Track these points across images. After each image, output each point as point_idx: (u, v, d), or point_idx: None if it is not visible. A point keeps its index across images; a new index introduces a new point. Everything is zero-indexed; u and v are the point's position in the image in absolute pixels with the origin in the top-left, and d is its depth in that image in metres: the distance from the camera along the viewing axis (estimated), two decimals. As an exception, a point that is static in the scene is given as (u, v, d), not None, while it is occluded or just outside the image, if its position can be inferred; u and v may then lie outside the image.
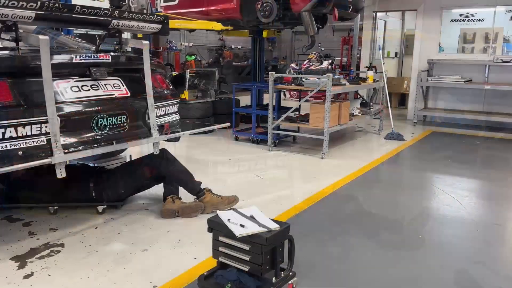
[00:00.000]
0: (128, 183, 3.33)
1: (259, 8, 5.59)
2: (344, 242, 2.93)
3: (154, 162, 3.33)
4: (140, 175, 3.35)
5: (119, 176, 3.35)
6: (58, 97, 2.64)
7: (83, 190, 3.24)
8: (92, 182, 3.26)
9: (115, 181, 3.31)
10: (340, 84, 5.63)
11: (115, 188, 3.29)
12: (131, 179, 3.34)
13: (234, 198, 3.39)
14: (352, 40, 10.93)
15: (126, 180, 3.33)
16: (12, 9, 2.30)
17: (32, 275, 2.38)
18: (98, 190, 3.25)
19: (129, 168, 3.44)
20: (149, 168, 3.34)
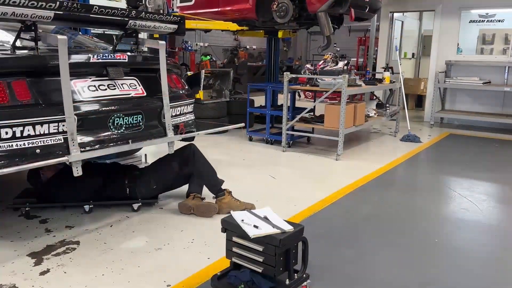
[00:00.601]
0: (158, 178, 3.37)
1: (274, 8, 5.58)
2: (359, 244, 2.90)
3: (182, 156, 3.37)
4: (170, 169, 3.39)
5: (150, 172, 3.39)
6: (76, 96, 2.67)
7: (118, 187, 3.29)
8: (126, 179, 3.31)
9: (147, 177, 3.35)
10: (355, 85, 5.59)
11: (148, 183, 3.33)
12: (161, 174, 3.38)
13: (251, 206, 3.38)
14: (368, 40, 10.84)
15: (157, 175, 3.37)
16: (31, 9, 2.34)
17: (48, 271, 2.42)
18: (132, 187, 3.30)
19: (159, 163, 3.47)
20: (177, 162, 3.37)
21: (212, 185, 3.38)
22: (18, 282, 2.29)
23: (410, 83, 9.63)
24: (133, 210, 3.31)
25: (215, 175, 3.41)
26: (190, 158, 3.36)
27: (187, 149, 3.39)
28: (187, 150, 3.38)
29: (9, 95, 2.36)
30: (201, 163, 3.39)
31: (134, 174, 3.37)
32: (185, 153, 3.38)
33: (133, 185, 3.31)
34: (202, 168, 3.39)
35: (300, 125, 5.67)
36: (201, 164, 3.39)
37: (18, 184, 3.43)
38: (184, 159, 3.37)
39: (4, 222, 3.05)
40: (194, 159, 3.36)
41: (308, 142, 6.16)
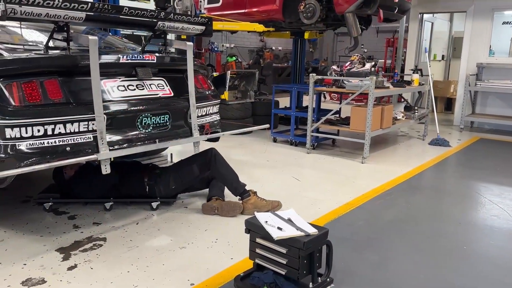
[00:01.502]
0: (178, 179, 3.40)
1: (301, 9, 5.55)
2: (384, 249, 2.85)
3: (203, 159, 3.40)
4: (190, 171, 3.42)
5: (171, 172, 3.43)
6: (105, 95, 2.73)
7: (138, 185, 3.35)
8: (146, 178, 3.36)
9: (167, 176, 3.39)
10: (383, 87, 5.50)
11: (167, 183, 3.37)
12: (181, 175, 3.41)
13: (277, 203, 3.39)
14: (396, 42, 10.67)
15: (177, 176, 3.40)
16: (64, 10, 2.40)
17: (75, 267, 2.48)
18: (151, 185, 3.35)
19: (180, 165, 3.52)
20: (198, 165, 3.40)
21: (234, 188, 3.39)
22: (47, 276, 2.36)
23: (439, 85, 9.42)
24: (151, 208, 3.35)
25: (237, 178, 3.42)
26: (211, 162, 3.37)
27: (208, 153, 3.40)
28: (208, 154, 3.40)
29: (42, 94, 2.44)
30: (223, 167, 3.41)
31: (155, 173, 3.42)
32: (206, 157, 3.40)
33: (152, 183, 3.36)
34: (224, 172, 3.40)
35: (325, 127, 5.63)
36: (223, 168, 3.40)
37: (48, 181, 3.53)
38: (205, 163, 3.39)
39: (34, 217, 3.14)
40: (215, 163, 3.38)
41: (333, 144, 6.10)
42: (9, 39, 2.93)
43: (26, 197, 3.53)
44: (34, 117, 2.38)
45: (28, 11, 2.26)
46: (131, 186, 3.36)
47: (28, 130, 2.36)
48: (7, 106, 2.30)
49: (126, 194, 3.38)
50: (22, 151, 2.35)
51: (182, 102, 3.16)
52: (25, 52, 2.67)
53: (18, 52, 2.64)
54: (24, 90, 2.38)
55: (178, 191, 3.50)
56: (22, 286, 2.25)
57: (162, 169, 3.51)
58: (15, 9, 2.20)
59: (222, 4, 6.73)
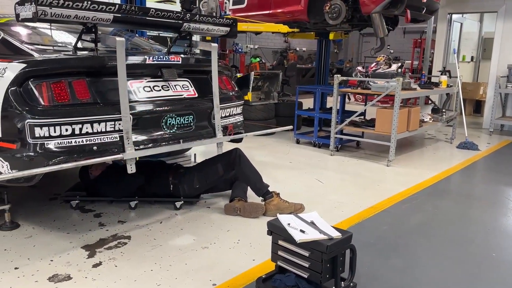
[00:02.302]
0: (202, 179, 3.42)
1: (327, 10, 5.50)
2: (409, 255, 2.79)
3: (228, 159, 3.41)
4: (215, 171, 3.44)
5: (195, 171, 3.46)
6: (132, 96, 2.77)
7: (163, 184, 3.39)
8: (171, 177, 3.40)
9: (191, 176, 3.42)
10: (410, 89, 5.40)
11: (191, 182, 3.40)
12: (205, 175, 3.44)
13: (300, 206, 3.37)
14: (424, 42, 10.46)
15: (201, 175, 3.43)
16: (92, 12, 2.45)
17: (100, 264, 2.52)
18: (176, 184, 3.39)
19: (205, 164, 3.54)
20: (222, 165, 3.42)
21: (258, 188, 3.39)
22: (73, 273, 2.41)
23: (468, 87, 9.18)
24: (175, 208, 3.38)
25: (261, 179, 3.42)
26: (236, 162, 3.38)
27: (233, 154, 3.42)
28: (232, 154, 3.41)
29: (70, 94, 2.49)
30: (247, 168, 3.41)
31: (179, 172, 3.45)
32: (231, 157, 3.41)
33: (177, 182, 3.39)
34: (248, 172, 3.41)
35: (349, 128, 5.56)
36: (247, 168, 3.41)
37: (75, 179, 3.61)
38: (229, 163, 3.40)
39: (62, 215, 3.22)
40: (240, 163, 3.39)
41: (357, 147, 6.02)
42: (40, 40, 3.01)
43: (54, 195, 3.62)
44: (63, 116, 2.43)
45: (58, 13, 2.32)
46: (156, 185, 3.40)
47: (57, 129, 2.41)
48: (36, 106, 2.36)
49: (151, 193, 3.43)
50: (50, 150, 2.40)
51: (206, 103, 3.18)
52: (55, 53, 2.73)
53: (48, 53, 2.70)
54: (53, 90, 2.43)
55: (202, 191, 3.52)
56: (49, 282, 2.31)
57: (186, 169, 3.54)
58: (45, 11, 2.26)
59: (247, 5, 6.75)
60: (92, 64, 2.68)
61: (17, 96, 2.35)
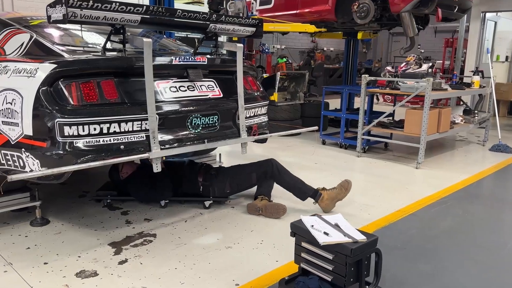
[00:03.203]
0: (234, 184, 3.46)
1: (355, 9, 5.42)
2: (437, 260, 2.70)
3: (263, 170, 3.45)
4: (248, 179, 3.48)
5: (227, 176, 3.47)
6: (158, 96, 2.80)
7: (193, 185, 3.43)
8: (201, 178, 3.44)
9: (223, 179, 3.45)
10: (441, 89, 5.26)
11: (222, 186, 3.44)
12: (238, 181, 3.47)
13: (347, 183, 3.41)
14: (456, 42, 10.18)
15: (234, 181, 3.45)
16: (120, 13, 2.49)
17: (126, 261, 2.56)
18: (206, 186, 3.42)
19: (238, 170, 3.54)
20: (257, 175, 3.46)
21: (303, 193, 3.41)
22: (99, 269, 2.45)
23: (502, 88, 8.86)
24: (204, 207, 3.41)
25: (303, 183, 3.44)
26: (275, 174, 3.42)
27: (269, 166, 3.44)
28: (269, 166, 3.44)
29: (98, 94, 2.54)
30: (287, 176, 3.45)
31: (210, 174, 3.47)
32: (267, 168, 3.43)
33: (207, 184, 3.42)
34: (289, 180, 3.44)
35: (377, 130, 5.46)
36: (287, 177, 3.44)
37: (103, 177, 3.69)
38: (265, 174, 3.44)
39: (90, 212, 3.29)
40: (279, 174, 3.42)
41: (385, 148, 5.91)
42: (70, 41, 3.08)
43: (82, 192, 3.71)
44: (91, 116, 2.48)
45: (87, 14, 2.37)
46: (187, 185, 3.44)
47: (85, 128, 2.46)
48: (66, 105, 2.42)
49: (183, 192, 3.48)
50: (79, 148, 2.46)
51: (231, 103, 3.19)
52: (84, 53, 2.80)
53: (78, 53, 2.77)
54: (82, 90, 2.49)
55: (231, 194, 3.56)
56: (76, 277, 2.36)
57: (217, 170, 3.55)
58: (75, 12, 2.31)
59: (274, 5, 6.74)
60: (120, 65, 2.72)
61: (48, 96, 2.41)
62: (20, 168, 2.60)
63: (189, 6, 9.79)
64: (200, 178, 3.44)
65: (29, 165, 2.53)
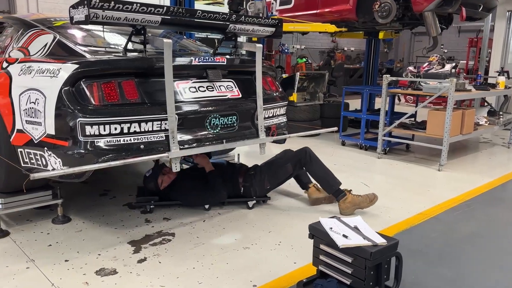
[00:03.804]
0: (273, 179, 3.48)
1: (376, 8, 5.35)
2: (460, 265, 2.64)
3: (297, 158, 3.46)
4: (285, 171, 3.49)
5: (264, 173, 3.49)
6: (178, 96, 2.82)
7: (234, 187, 3.44)
8: (241, 179, 3.46)
9: (260, 178, 3.47)
10: (464, 90, 5.14)
11: (262, 184, 3.46)
12: (276, 175, 3.49)
13: (374, 196, 3.38)
14: (480, 42, 9.93)
15: (271, 176, 3.48)
16: (141, 14, 2.51)
17: (144, 260, 2.58)
18: (247, 187, 3.45)
19: (274, 165, 3.56)
20: (292, 164, 3.47)
21: (330, 185, 3.40)
22: (118, 267, 2.48)
23: (529, 88, 8.60)
24: (248, 207, 3.44)
25: (333, 176, 3.44)
26: (307, 161, 3.43)
27: (303, 153, 3.45)
28: (302, 153, 3.45)
29: (119, 94, 2.57)
30: (318, 165, 3.45)
31: (249, 174, 3.49)
32: (301, 156, 3.45)
33: (248, 185, 3.44)
34: (319, 170, 3.45)
35: (398, 131, 5.37)
36: (318, 166, 3.45)
37: (124, 177, 3.73)
38: (299, 162, 3.45)
39: (110, 211, 3.33)
40: (311, 161, 3.43)
41: (407, 150, 5.81)
42: (92, 41, 3.13)
43: (103, 191, 3.76)
44: (112, 116, 2.51)
45: (109, 15, 2.40)
46: (228, 187, 3.43)
47: (106, 128, 2.50)
48: (88, 105, 2.46)
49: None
50: (100, 148, 2.49)
51: (249, 103, 3.18)
52: (106, 54, 2.83)
53: (100, 54, 2.80)
54: (104, 90, 2.52)
55: (271, 190, 3.58)
56: (96, 275, 2.39)
57: (254, 170, 3.56)
58: (97, 13, 2.35)
59: (293, 5, 6.71)
60: (140, 65, 2.75)
61: (70, 96, 2.45)
62: (42, 167, 2.65)
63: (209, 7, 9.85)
64: (240, 179, 3.46)
65: (51, 164, 2.58)
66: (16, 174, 2.79)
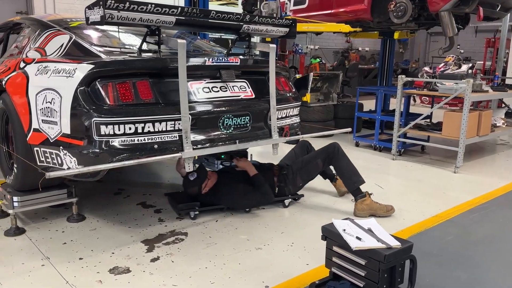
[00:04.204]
0: (305, 175, 3.53)
1: (392, 8, 5.29)
2: (475, 268, 2.59)
3: (327, 153, 3.50)
4: (316, 166, 3.53)
5: (297, 172, 3.52)
6: (191, 96, 2.83)
7: (271, 187, 3.45)
8: (276, 179, 3.50)
9: (293, 177, 3.50)
10: (481, 91, 5.06)
11: (295, 182, 3.51)
12: (308, 172, 3.53)
13: (391, 207, 3.37)
14: (498, 42, 9.76)
15: (303, 174, 3.52)
16: (156, 14, 2.53)
17: (158, 259, 2.60)
18: (282, 186, 3.49)
19: (305, 162, 3.58)
20: (322, 160, 3.51)
21: (352, 182, 3.41)
22: (132, 266, 2.50)
23: (548, 89, 8.42)
24: (284, 206, 3.49)
25: (357, 172, 3.44)
26: (335, 155, 3.46)
27: (331, 147, 3.49)
28: (331, 148, 3.49)
29: (134, 94, 2.59)
30: (344, 161, 3.47)
31: (282, 174, 3.51)
32: (330, 151, 3.48)
33: (282, 184, 3.48)
34: (344, 165, 3.46)
35: (413, 132, 5.31)
36: (344, 161, 3.46)
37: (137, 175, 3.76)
38: (329, 157, 3.48)
39: (124, 209, 3.36)
40: (338, 156, 3.46)
41: (422, 151, 5.73)
42: (108, 42, 3.16)
43: (118, 190, 3.79)
44: (127, 115, 2.53)
45: (124, 16, 2.42)
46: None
47: (121, 127, 2.52)
48: (103, 105, 2.48)
49: None
50: (114, 147, 2.51)
51: (263, 104, 3.18)
52: (121, 54, 2.86)
53: (115, 54, 2.83)
54: (119, 90, 2.54)
55: (303, 187, 3.62)
56: (109, 273, 2.41)
57: (286, 169, 3.57)
58: (112, 14, 2.37)
59: (308, 5, 6.68)
60: (155, 66, 2.77)
61: (85, 95, 2.48)
62: (58, 166, 2.69)
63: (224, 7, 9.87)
64: (275, 179, 3.49)
65: (67, 163, 2.61)
66: (32, 172, 2.83)
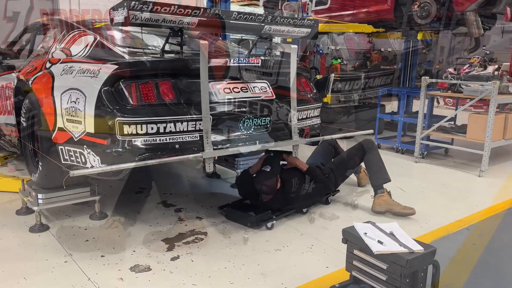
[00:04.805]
0: (343, 174, 3.67)
1: (415, 8, 5.21)
2: (500, 275, 2.53)
3: (361, 150, 3.58)
4: (353, 164, 3.66)
5: (336, 171, 3.62)
6: (212, 97, 2.83)
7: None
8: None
9: (333, 176, 3.60)
10: (508, 93, 4.92)
11: (335, 181, 3.63)
12: (346, 169, 3.67)
13: (411, 209, 3.35)
14: (526, 42, 9.49)
15: (343, 172, 3.66)
16: (179, 15, 2.55)
17: (178, 258, 2.62)
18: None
19: (343, 162, 3.68)
20: (359, 157, 3.60)
21: (377, 177, 3.46)
22: (152, 264, 2.53)
23: None
24: (327, 202, 3.59)
25: (385, 170, 3.49)
26: (368, 149, 3.54)
27: (369, 142, 3.60)
28: (365, 142, 3.60)
29: (156, 95, 2.62)
30: (375, 156, 3.53)
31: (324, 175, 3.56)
32: (364, 144, 3.59)
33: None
34: (373, 160, 3.52)
35: (437, 134, 5.20)
36: (374, 156, 3.52)
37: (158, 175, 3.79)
38: (363, 151, 3.58)
39: (146, 208, 3.41)
40: (371, 151, 3.55)
41: (445, 154, 5.62)
42: (131, 43, 3.21)
43: (139, 189, 3.84)
44: (149, 115, 2.56)
45: (148, 17, 2.45)
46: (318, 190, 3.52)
47: (143, 127, 2.55)
48: (126, 105, 2.52)
49: None
50: (137, 147, 2.54)
51: (283, 104, 3.16)
52: (144, 55, 2.89)
53: (138, 55, 2.87)
54: (141, 91, 2.58)
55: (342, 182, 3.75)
56: (130, 271, 2.45)
57: (328, 172, 3.62)
58: (136, 15, 2.40)
59: (330, 6, 6.64)
60: (177, 66, 2.79)
61: (109, 95, 2.52)
62: (81, 164, 2.74)
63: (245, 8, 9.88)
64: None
65: (90, 161, 2.66)
66: (56, 170, 2.89)
